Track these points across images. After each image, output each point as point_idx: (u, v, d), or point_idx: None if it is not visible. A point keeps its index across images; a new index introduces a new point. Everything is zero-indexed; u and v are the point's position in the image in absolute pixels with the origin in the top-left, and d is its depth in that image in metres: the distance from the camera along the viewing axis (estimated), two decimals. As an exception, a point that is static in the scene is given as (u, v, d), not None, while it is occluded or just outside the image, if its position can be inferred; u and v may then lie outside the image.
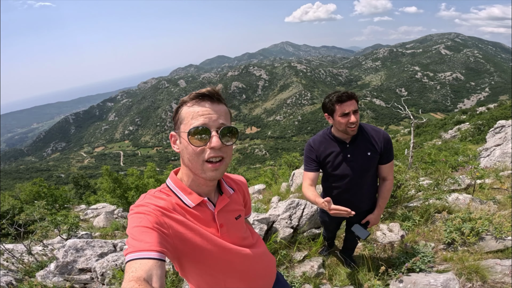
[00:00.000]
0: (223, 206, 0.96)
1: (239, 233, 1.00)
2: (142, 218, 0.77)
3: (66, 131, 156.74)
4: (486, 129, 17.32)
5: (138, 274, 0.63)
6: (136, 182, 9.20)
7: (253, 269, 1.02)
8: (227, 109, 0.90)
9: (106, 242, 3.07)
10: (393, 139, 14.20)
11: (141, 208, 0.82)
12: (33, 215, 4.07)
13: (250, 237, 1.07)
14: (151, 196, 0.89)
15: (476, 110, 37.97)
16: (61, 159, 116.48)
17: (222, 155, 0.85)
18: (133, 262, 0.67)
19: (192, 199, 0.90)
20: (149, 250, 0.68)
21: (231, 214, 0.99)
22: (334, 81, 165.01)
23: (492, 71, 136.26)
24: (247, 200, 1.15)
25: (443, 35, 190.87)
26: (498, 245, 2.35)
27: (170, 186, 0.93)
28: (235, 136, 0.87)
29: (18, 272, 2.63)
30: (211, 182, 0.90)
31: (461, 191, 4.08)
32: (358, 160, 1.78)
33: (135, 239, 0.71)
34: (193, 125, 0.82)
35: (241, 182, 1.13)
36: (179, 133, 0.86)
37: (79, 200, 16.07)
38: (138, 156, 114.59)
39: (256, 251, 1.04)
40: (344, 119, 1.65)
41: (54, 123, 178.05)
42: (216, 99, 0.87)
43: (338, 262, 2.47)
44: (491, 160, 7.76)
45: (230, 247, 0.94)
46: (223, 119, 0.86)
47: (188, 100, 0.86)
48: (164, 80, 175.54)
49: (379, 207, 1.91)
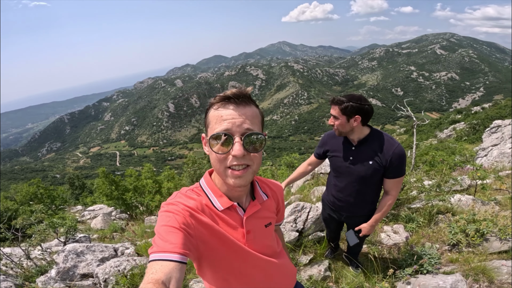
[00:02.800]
0: (253, 212, 0.93)
1: (266, 241, 0.97)
2: (171, 217, 0.77)
3: (61, 131, 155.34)
4: (482, 129, 17.48)
5: (157, 276, 0.63)
6: (134, 183, 9.09)
7: (271, 279, 1.00)
8: (256, 111, 0.82)
9: (107, 246, 3.02)
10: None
11: (171, 206, 0.82)
12: (31, 219, 4.00)
13: (276, 246, 1.04)
14: (182, 195, 0.88)
15: (471, 110, 38.33)
16: (56, 159, 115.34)
17: (247, 163, 0.79)
18: (155, 262, 0.67)
19: (222, 202, 0.88)
20: (172, 252, 0.69)
21: (261, 221, 0.96)
22: (331, 81, 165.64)
23: (487, 71, 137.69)
24: (281, 207, 1.11)
25: (439, 35, 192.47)
26: (502, 246, 2.36)
27: (203, 186, 0.92)
28: (262, 142, 0.80)
29: (17, 277, 2.57)
30: (238, 188, 0.85)
31: (462, 192, 4.09)
32: (358, 165, 1.77)
33: (161, 239, 0.72)
34: (215, 130, 0.77)
35: (277, 187, 1.08)
36: (208, 137, 0.82)
37: (75, 200, 15.91)
38: (135, 156, 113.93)
39: (278, 261, 1.02)
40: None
41: (49, 123, 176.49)
42: (243, 102, 0.79)
43: (343, 265, 2.46)
44: (488, 160, 7.82)
45: (253, 254, 0.92)
46: (249, 124, 0.78)
47: (214, 102, 0.81)
48: (161, 80, 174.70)
49: (374, 219, 1.87)
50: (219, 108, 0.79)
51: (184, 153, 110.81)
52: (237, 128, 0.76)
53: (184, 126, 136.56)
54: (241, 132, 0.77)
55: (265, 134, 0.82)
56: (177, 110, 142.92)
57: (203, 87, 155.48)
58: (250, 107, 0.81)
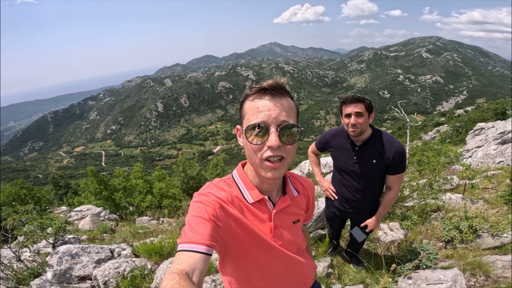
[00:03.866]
0: (282, 207, 0.93)
1: (292, 238, 0.97)
2: (201, 208, 0.79)
3: (44, 130, 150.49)
4: (464, 131, 18.11)
5: (182, 267, 0.65)
6: (123, 183, 8.89)
7: (293, 275, 1.01)
8: (292, 103, 0.82)
9: (102, 247, 2.95)
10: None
11: (202, 197, 0.83)
12: (21, 220, 3.86)
13: (301, 244, 1.04)
14: (214, 186, 0.89)
15: (454, 113, 39.56)
16: (38, 158, 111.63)
17: (282, 154, 0.79)
18: (181, 253, 0.70)
19: (252, 194, 0.88)
20: (199, 243, 0.70)
21: (290, 217, 0.96)
22: (321, 82, 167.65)
23: (470, 74, 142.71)
24: (311, 205, 1.10)
25: (425, 38, 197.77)
26: (494, 242, 2.46)
27: (235, 178, 0.92)
28: (297, 135, 0.80)
29: (9, 280, 2.47)
30: (272, 180, 0.85)
31: (452, 191, 4.24)
32: (362, 165, 1.83)
33: (190, 229, 0.74)
34: (252, 122, 0.77)
35: (309, 185, 1.07)
36: (242, 128, 0.83)
37: (59, 201, 15.43)
38: (121, 156, 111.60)
39: (302, 259, 1.02)
40: (346, 119, 1.75)
41: (32, 122, 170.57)
42: (278, 93, 0.79)
43: (344, 262, 2.51)
44: (473, 161, 8.11)
45: (278, 249, 0.92)
46: (284, 116, 0.78)
47: (250, 94, 0.81)
48: (150, 79, 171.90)
49: (378, 213, 1.95)
50: (255, 100, 0.79)
51: (173, 153, 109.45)
52: (273, 119, 0.76)
53: (173, 126, 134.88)
54: (277, 124, 0.77)
55: (300, 127, 0.81)
56: (166, 110, 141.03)
57: (193, 87, 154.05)
58: (286, 99, 0.81)
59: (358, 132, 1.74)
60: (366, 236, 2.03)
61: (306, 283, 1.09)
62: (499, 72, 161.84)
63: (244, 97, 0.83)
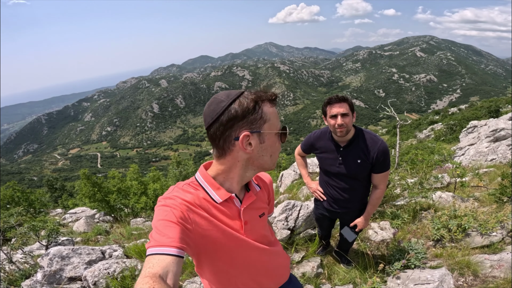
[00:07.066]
0: (249, 203, 0.96)
1: (262, 231, 1.01)
2: (168, 212, 0.78)
3: (38, 132, 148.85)
4: (458, 129, 18.27)
5: (155, 270, 0.64)
6: (118, 184, 8.84)
7: (270, 266, 1.04)
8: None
9: (93, 248, 2.94)
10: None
11: (168, 200, 0.82)
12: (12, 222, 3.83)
13: (270, 236, 1.08)
14: (179, 189, 0.88)
15: (448, 111, 39.92)
16: (33, 161, 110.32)
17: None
18: (152, 257, 0.68)
19: (219, 194, 0.89)
20: (169, 246, 0.70)
21: (256, 212, 0.99)
22: (316, 82, 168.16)
23: (464, 73, 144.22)
24: (271, 198, 1.15)
25: (419, 37, 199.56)
26: (483, 240, 2.49)
27: (199, 180, 0.92)
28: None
29: (1, 281, 2.46)
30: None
31: (442, 189, 4.28)
32: (348, 165, 1.85)
33: (158, 233, 0.73)
34: (281, 125, 0.91)
35: (268, 179, 1.13)
36: (263, 132, 0.85)
37: (55, 203, 15.29)
38: (117, 158, 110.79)
39: (274, 249, 1.06)
40: (332, 121, 1.75)
41: (26, 124, 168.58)
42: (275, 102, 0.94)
43: (334, 262, 2.52)
44: (466, 159, 8.20)
45: (252, 244, 0.94)
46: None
47: (265, 100, 0.86)
48: (145, 80, 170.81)
49: (367, 212, 1.97)
50: (272, 107, 0.89)
51: (169, 154, 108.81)
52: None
53: (169, 127, 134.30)
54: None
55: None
56: (161, 111, 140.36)
57: (188, 87, 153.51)
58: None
59: (345, 132, 1.75)
60: (356, 235, 2.06)
61: (284, 273, 1.13)
62: (492, 71, 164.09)
63: (257, 101, 0.83)
